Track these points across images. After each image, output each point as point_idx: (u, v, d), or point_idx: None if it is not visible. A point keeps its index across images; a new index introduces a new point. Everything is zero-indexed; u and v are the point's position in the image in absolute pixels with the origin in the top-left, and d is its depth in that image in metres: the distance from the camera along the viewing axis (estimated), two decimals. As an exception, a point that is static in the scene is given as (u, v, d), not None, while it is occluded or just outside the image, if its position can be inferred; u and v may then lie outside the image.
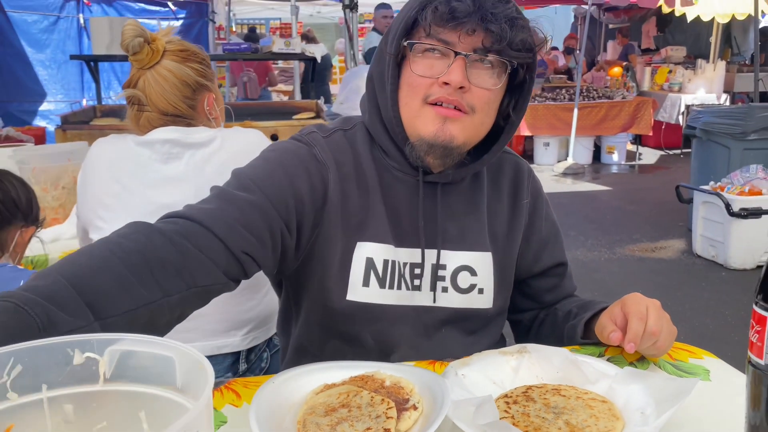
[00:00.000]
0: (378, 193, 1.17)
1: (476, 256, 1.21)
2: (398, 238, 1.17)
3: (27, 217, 1.65)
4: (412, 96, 1.11)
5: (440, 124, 1.09)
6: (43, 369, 0.58)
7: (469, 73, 1.07)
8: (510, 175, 1.28)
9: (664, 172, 8.06)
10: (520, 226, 1.27)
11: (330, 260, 1.16)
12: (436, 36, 1.08)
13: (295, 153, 1.15)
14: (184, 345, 0.57)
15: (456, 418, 0.88)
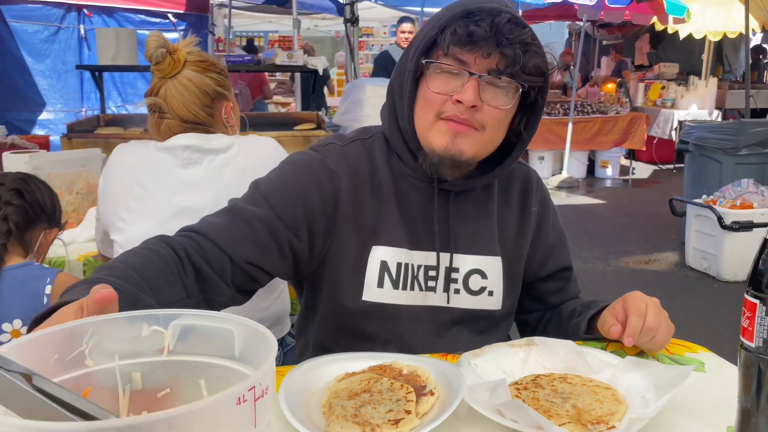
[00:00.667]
0: (393, 200, 1.25)
1: (487, 260, 1.29)
2: (413, 242, 1.25)
3: (51, 219, 1.72)
4: (426, 110, 1.19)
5: (451, 139, 1.16)
6: (116, 340, 0.65)
7: (482, 92, 1.13)
8: (519, 184, 1.35)
9: (657, 186, 8.19)
10: (528, 232, 1.34)
11: (346, 263, 1.24)
12: (454, 56, 1.13)
13: (308, 165, 1.25)
14: (243, 318, 0.64)
15: (472, 401, 0.95)
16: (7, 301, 1.51)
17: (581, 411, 0.94)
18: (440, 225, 1.26)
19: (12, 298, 1.52)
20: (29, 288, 1.54)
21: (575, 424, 0.91)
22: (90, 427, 0.43)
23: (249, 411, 0.50)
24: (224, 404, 0.48)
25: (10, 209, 1.59)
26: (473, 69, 1.13)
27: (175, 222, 1.62)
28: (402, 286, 1.24)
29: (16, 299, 1.52)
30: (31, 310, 1.53)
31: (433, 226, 1.25)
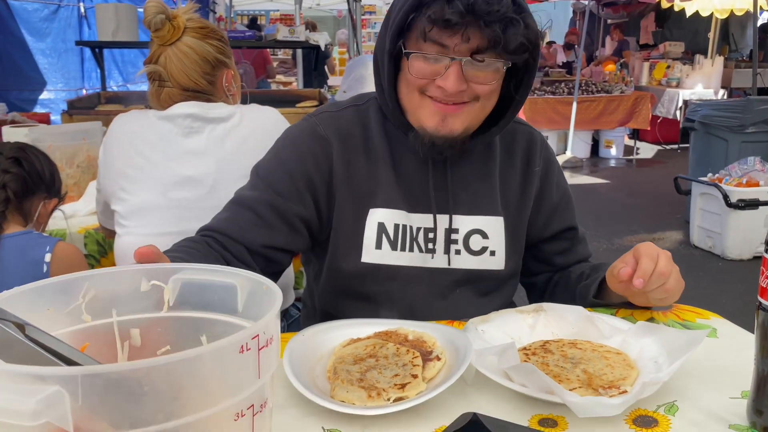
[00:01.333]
0: (388, 163, 1.24)
1: (488, 220, 1.26)
2: (411, 205, 1.24)
3: (50, 189, 1.70)
4: (411, 91, 1.16)
5: (440, 120, 1.14)
6: (114, 294, 0.63)
7: (466, 72, 1.09)
8: (523, 145, 1.33)
9: (662, 166, 8.13)
10: (531, 192, 1.32)
11: (345, 226, 1.24)
12: (432, 40, 1.08)
13: (300, 136, 1.26)
14: (247, 272, 0.61)
15: (480, 365, 0.93)
16: (7, 268, 1.49)
17: (592, 376, 0.92)
18: (437, 187, 1.24)
19: (11, 265, 1.50)
20: (29, 256, 1.52)
21: (586, 389, 0.89)
22: (86, 371, 0.41)
23: (252, 360, 0.48)
24: (226, 352, 0.46)
25: (8, 177, 1.57)
26: (454, 53, 1.08)
27: (176, 191, 1.60)
28: (401, 248, 1.23)
29: (16, 267, 1.50)
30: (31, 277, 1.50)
31: (429, 189, 1.24)
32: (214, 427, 0.46)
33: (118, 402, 0.42)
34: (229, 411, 0.47)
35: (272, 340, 0.51)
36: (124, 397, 0.42)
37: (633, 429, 0.83)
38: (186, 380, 0.44)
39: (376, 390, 0.88)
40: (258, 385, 0.49)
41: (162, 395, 0.43)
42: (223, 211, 1.23)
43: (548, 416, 0.87)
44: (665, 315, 1.19)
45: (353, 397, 0.88)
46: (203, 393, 0.45)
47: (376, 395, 0.87)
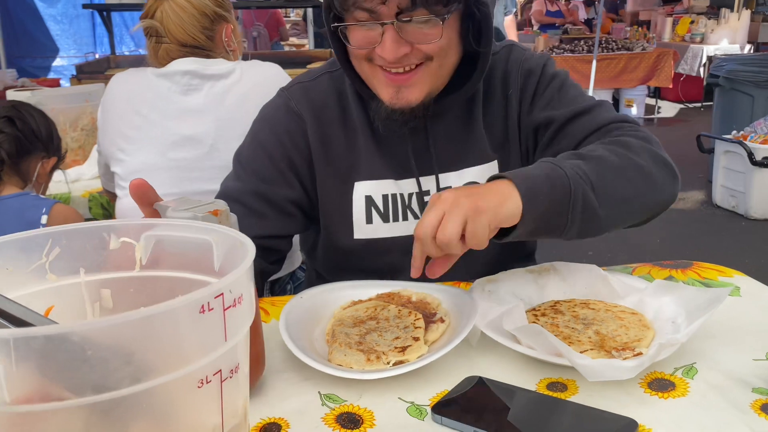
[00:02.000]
0: (367, 132, 1.16)
1: (480, 169, 1.18)
2: (397, 172, 1.17)
3: (48, 148, 1.66)
4: (358, 61, 1.07)
5: (394, 92, 1.05)
6: (81, 252, 0.58)
7: (405, 33, 0.99)
8: (500, 72, 1.19)
9: (684, 125, 7.93)
10: (513, 120, 1.18)
11: (332, 204, 1.18)
12: (357, 6, 0.98)
13: (274, 116, 1.19)
14: (224, 227, 0.56)
15: (485, 327, 0.88)
16: (2, 229, 1.46)
17: (605, 337, 0.86)
18: (418, 150, 1.16)
19: (7, 227, 1.47)
20: (24, 217, 1.49)
21: (598, 351, 0.83)
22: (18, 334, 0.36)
23: (217, 321, 0.43)
24: (183, 312, 0.41)
25: (2, 137, 1.53)
26: (382, 16, 0.98)
27: (176, 151, 1.55)
28: (393, 218, 1.17)
29: (11, 229, 1.46)
30: (29, 241, 1.48)
31: (409, 152, 1.16)
32: (176, 394, 0.42)
33: (61, 366, 0.38)
34: (191, 377, 0.42)
35: (242, 299, 0.46)
36: (66, 361, 0.37)
37: (648, 393, 0.78)
38: (137, 344, 0.39)
39: (375, 353, 0.84)
40: (225, 349, 0.44)
41: (109, 360, 0.38)
42: None
43: (557, 380, 0.82)
44: (685, 273, 1.13)
45: (351, 361, 0.84)
46: (158, 357, 0.40)
47: (375, 359, 0.83)
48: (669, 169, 1.06)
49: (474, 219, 0.86)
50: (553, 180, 0.92)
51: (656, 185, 1.02)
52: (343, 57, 1.10)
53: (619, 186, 0.98)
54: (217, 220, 0.71)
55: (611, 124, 1.10)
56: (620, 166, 0.99)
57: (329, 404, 0.80)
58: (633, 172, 1.00)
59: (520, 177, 0.92)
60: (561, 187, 0.92)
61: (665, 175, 1.05)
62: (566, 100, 1.14)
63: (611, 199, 0.96)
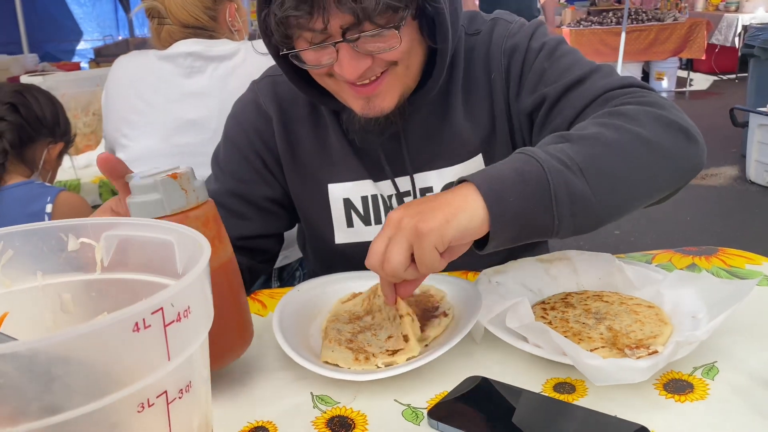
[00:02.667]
0: (339, 131, 1.08)
1: (464, 167, 1.08)
2: (374, 173, 1.09)
3: (54, 133, 1.62)
4: (321, 78, 0.97)
5: (365, 103, 0.95)
6: (37, 255, 0.54)
7: (361, 47, 0.88)
8: (482, 55, 1.07)
9: (717, 97, 7.68)
10: (501, 108, 1.06)
11: (308, 206, 1.13)
12: (302, 28, 0.87)
13: (243, 112, 1.13)
14: (185, 227, 0.51)
15: (489, 323, 0.82)
16: (7, 220, 1.44)
17: (618, 333, 0.80)
18: (389, 152, 1.07)
19: (11, 217, 1.45)
20: (29, 207, 1.47)
21: (610, 349, 0.77)
22: None
23: (156, 339, 0.38)
24: (110, 333, 0.36)
25: (4, 125, 1.50)
26: (331, 35, 0.87)
27: (179, 136, 1.51)
28: (375, 221, 1.10)
29: (16, 219, 1.45)
30: (33, 231, 1.46)
31: (384, 155, 1.08)
32: (110, 422, 0.37)
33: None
34: (127, 402, 0.38)
35: (189, 311, 0.41)
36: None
37: (663, 395, 0.72)
38: (58, 368, 0.34)
39: (365, 354, 0.79)
40: (170, 368, 0.40)
41: (25, 387, 0.34)
42: None
43: (565, 380, 0.76)
44: (709, 260, 1.06)
45: (338, 358, 0.79)
46: (86, 383, 0.36)
47: (363, 359, 0.78)
48: (684, 132, 0.88)
49: (418, 244, 0.74)
50: (523, 174, 0.77)
51: (666, 153, 0.86)
52: (296, 77, 1.00)
53: (616, 163, 0.81)
54: (177, 183, 0.68)
55: (610, 91, 0.94)
56: (615, 139, 0.83)
57: (321, 406, 0.75)
58: (632, 144, 0.83)
59: (481, 177, 0.78)
60: (536, 181, 0.77)
61: (679, 139, 0.87)
62: (557, 72, 1.00)
63: (608, 181, 0.80)
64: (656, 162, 0.85)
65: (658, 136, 0.86)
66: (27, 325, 0.54)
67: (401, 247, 0.74)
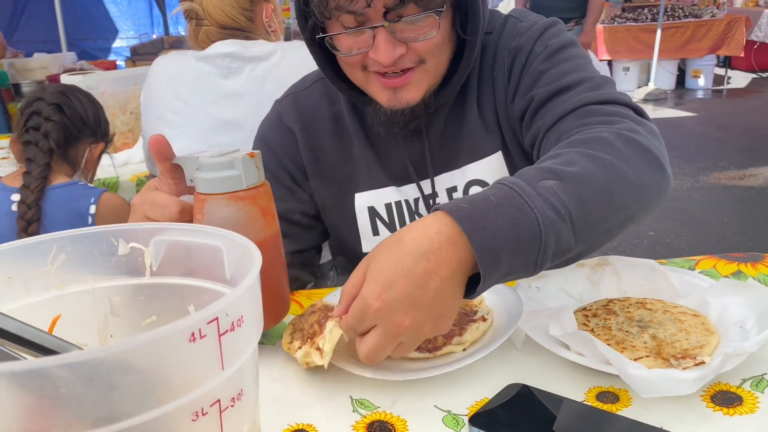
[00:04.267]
0: (362, 139, 1.10)
1: (484, 164, 1.08)
2: (398, 177, 1.11)
3: (96, 133, 1.66)
4: (350, 70, 0.98)
5: (391, 94, 0.96)
6: (88, 259, 0.55)
7: (398, 33, 0.90)
8: (491, 54, 1.07)
9: (756, 96, 7.50)
10: (502, 109, 1.07)
11: (335, 217, 1.15)
12: (339, 10, 0.88)
13: (269, 132, 1.15)
14: (234, 234, 0.52)
15: (530, 329, 0.81)
16: (51, 220, 1.48)
17: (662, 342, 0.79)
18: (413, 155, 1.09)
19: (56, 217, 1.48)
20: (73, 207, 1.50)
21: (655, 358, 0.76)
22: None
23: (211, 349, 0.39)
24: (168, 343, 0.36)
25: (50, 126, 1.54)
26: (371, 19, 0.89)
27: (216, 136, 1.53)
28: (399, 226, 1.11)
29: (60, 219, 1.48)
30: (75, 230, 1.49)
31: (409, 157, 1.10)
32: (167, 429, 0.38)
33: (32, 403, 0.34)
34: (183, 411, 0.38)
35: (242, 320, 0.41)
36: (38, 397, 0.34)
37: (711, 408, 0.70)
38: (117, 378, 0.35)
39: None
40: (223, 378, 0.40)
41: (86, 396, 0.34)
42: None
43: (608, 389, 0.75)
44: (755, 267, 1.03)
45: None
46: (141, 393, 0.36)
47: None
48: (657, 164, 0.83)
49: (398, 349, 0.71)
50: (518, 228, 0.69)
51: (645, 193, 0.81)
52: (327, 66, 1.01)
53: (603, 212, 0.76)
54: (253, 161, 0.76)
55: (592, 105, 0.91)
56: (606, 185, 0.76)
57: (361, 410, 0.75)
58: (622, 191, 0.78)
59: (475, 231, 0.68)
60: (529, 236, 0.70)
61: (656, 174, 0.83)
62: (552, 76, 0.97)
63: (592, 230, 0.75)
64: (636, 203, 0.80)
65: (642, 175, 0.80)
66: (78, 328, 0.54)
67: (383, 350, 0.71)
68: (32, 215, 1.48)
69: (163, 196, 0.76)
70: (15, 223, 1.47)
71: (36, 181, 1.48)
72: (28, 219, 1.47)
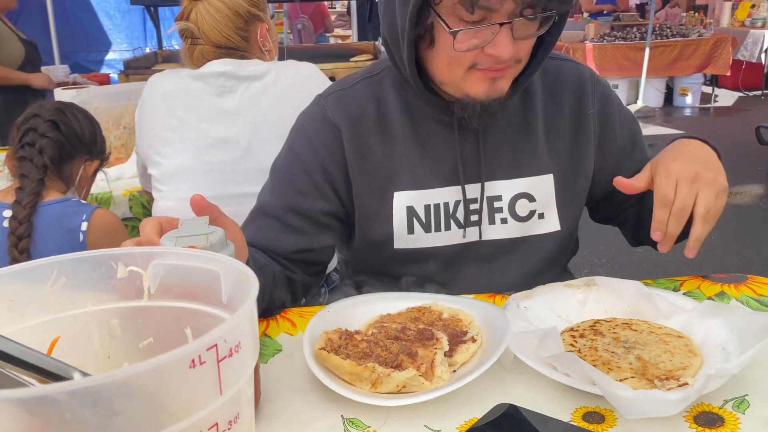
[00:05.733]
0: (410, 139, 1.13)
1: (534, 180, 1.14)
2: (441, 179, 1.13)
3: (91, 151, 1.66)
4: (455, 67, 1.01)
5: (490, 84, 1.01)
6: (87, 282, 0.56)
7: (515, 32, 0.96)
8: (570, 84, 1.17)
9: (742, 114, 7.60)
10: (589, 139, 1.17)
11: (371, 214, 1.15)
12: (480, 5, 0.92)
13: (311, 126, 1.16)
14: (230, 258, 0.53)
15: (518, 350, 0.83)
16: (44, 237, 1.48)
17: (647, 364, 0.81)
18: (468, 155, 1.12)
19: (47, 233, 1.48)
20: (64, 224, 1.50)
21: (640, 379, 0.78)
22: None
23: (210, 375, 0.40)
24: (168, 369, 0.38)
25: (45, 142, 1.54)
26: (500, 16, 0.93)
27: (210, 154, 1.54)
28: (435, 228, 1.13)
29: (52, 235, 1.49)
30: (67, 247, 1.49)
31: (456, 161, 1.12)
32: (165, 453, 0.39)
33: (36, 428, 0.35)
34: (181, 435, 0.39)
35: (240, 346, 0.42)
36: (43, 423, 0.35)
37: (694, 428, 0.72)
38: (119, 404, 0.36)
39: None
40: (220, 402, 0.41)
41: (89, 422, 0.35)
42: (249, 221, 1.16)
43: (594, 409, 0.77)
44: (738, 288, 1.05)
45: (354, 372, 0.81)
46: (143, 418, 0.37)
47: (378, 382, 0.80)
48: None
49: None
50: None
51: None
52: (413, 67, 1.04)
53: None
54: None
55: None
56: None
57: (352, 430, 0.77)
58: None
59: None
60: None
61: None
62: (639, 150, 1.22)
63: None
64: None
65: None
66: (76, 350, 0.56)
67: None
68: (23, 231, 1.48)
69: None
70: (6, 238, 1.47)
71: (29, 197, 1.49)
72: (19, 235, 1.48)
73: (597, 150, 1.18)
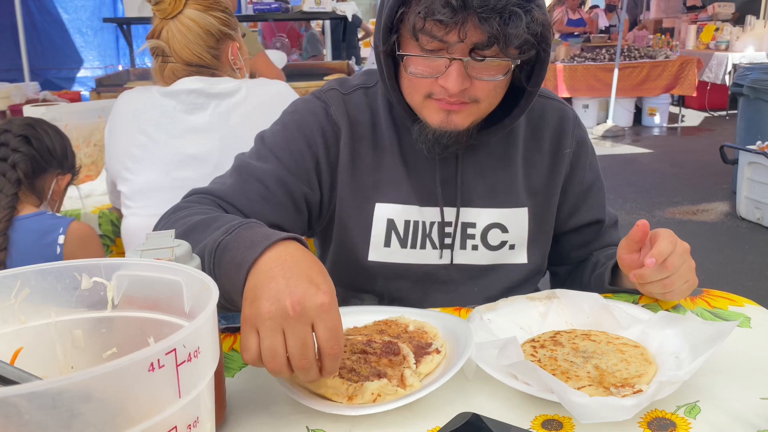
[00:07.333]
0: (397, 154, 1.15)
1: (509, 212, 1.17)
2: (422, 198, 1.15)
3: (62, 165, 1.67)
4: (412, 91, 1.06)
5: (444, 116, 1.05)
6: (51, 293, 0.57)
7: (470, 69, 0.99)
8: (553, 123, 1.21)
9: (708, 134, 7.80)
10: (559, 177, 1.21)
11: (350, 221, 1.16)
12: (427, 34, 0.96)
13: (312, 113, 1.17)
14: (192, 269, 0.55)
15: (480, 360, 0.85)
16: (21, 251, 1.47)
17: (604, 372, 0.83)
18: (445, 179, 1.15)
19: (24, 247, 1.48)
20: (42, 237, 1.50)
21: (597, 387, 0.80)
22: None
23: (169, 378, 0.41)
24: (127, 373, 0.39)
25: (18, 156, 1.54)
26: (454, 51, 0.97)
27: (180, 170, 1.55)
28: (411, 245, 1.16)
29: (28, 248, 1.48)
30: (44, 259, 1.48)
31: (435, 184, 1.15)
32: (125, 456, 0.40)
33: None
34: (140, 437, 0.40)
35: (199, 351, 0.44)
36: (3, 425, 0.36)
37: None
38: (78, 406, 0.37)
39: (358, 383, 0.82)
40: (179, 405, 0.42)
41: (48, 424, 0.36)
42: (227, 176, 1.13)
43: (553, 417, 0.79)
44: (693, 301, 1.09)
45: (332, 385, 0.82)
46: (103, 420, 0.38)
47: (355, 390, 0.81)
48: None
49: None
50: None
51: None
52: (392, 81, 1.08)
53: None
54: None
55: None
56: None
57: (317, 440, 0.78)
58: None
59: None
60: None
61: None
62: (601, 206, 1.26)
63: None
64: None
65: None
66: (39, 360, 0.56)
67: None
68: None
69: None
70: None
71: (4, 211, 1.48)
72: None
73: (561, 190, 1.22)
